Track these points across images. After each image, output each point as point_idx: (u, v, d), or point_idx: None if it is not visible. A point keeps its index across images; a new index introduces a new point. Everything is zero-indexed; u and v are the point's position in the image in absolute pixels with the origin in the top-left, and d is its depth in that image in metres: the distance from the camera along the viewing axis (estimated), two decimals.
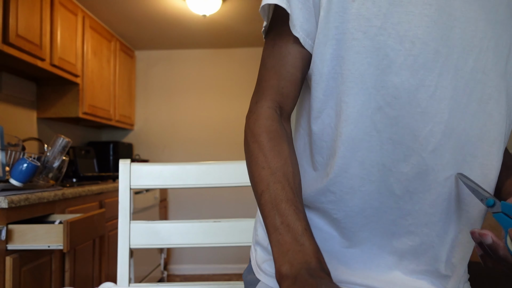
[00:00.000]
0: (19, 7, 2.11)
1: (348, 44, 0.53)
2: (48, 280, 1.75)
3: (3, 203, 1.46)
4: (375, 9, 0.52)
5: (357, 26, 0.52)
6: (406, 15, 0.51)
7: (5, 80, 2.49)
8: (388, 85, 0.53)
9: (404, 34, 0.51)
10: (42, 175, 1.91)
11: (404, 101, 0.52)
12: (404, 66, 0.52)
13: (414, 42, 0.51)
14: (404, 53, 0.52)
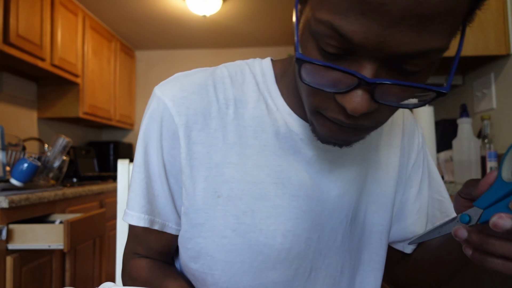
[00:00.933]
0: (19, 7, 2.12)
1: (217, 243, 0.50)
2: (48, 280, 1.75)
3: (4, 203, 1.46)
4: (243, 206, 0.49)
5: (225, 224, 0.49)
6: (275, 209, 0.50)
7: (6, 80, 2.50)
8: (265, 281, 0.51)
9: (275, 228, 0.49)
10: (42, 175, 1.91)
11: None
12: (279, 260, 0.50)
13: (285, 235, 0.50)
14: (277, 247, 0.50)
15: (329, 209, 0.53)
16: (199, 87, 0.52)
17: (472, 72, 1.62)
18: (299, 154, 0.51)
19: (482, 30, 1.35)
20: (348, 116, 0.40)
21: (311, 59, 0.37)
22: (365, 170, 0.55)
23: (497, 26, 1.35)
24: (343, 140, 0.44)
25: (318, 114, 0.43)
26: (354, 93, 0.37)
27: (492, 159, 1.34)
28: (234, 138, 0.50)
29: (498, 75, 1.45)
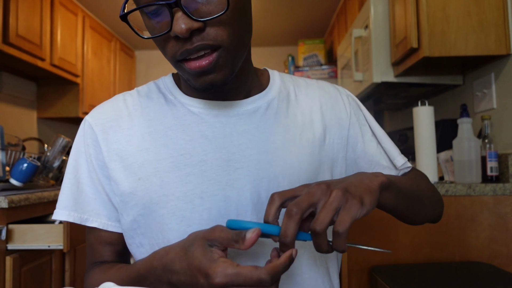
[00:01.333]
0: (19, 7, 2.11)
1: (147, 217, 0.59)
2: (48, 280, 1.75)
3: (3, 203, 1.46)
4: (159, 181, 0.58)
5: (150, 199, 0.58)
6: (187, 176, 0.58)
7: (5, 80, 2.49)
8: None
9: (192, 193, 0.57)
10: (42, 175, 1.91)
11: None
12: (202, 222, 0.57)
13: (202, 197, 0.57)
14: (197, 209, 0.57)
15: (244, 167, 0.59)
16: (111, 103, 0.65)
17: (472, 72, 1.61)
18: (200, 124, 0.60)
19: (483, 30, 1.35)
20: (187, 40, 0.50)
21: (130, 10, 0.50)
22: (276, 133, 0.62)
23: (497, 26, 1.35)
24: (214, 75, 0.53)
25: (178, 64, 0.53)
26: (174, 21, 0.48)
27: (493, 159, 1.34)
28: (143, 129, 0.61)
29: (499, 75, 1.45)
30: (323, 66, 2.91)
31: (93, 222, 0.62)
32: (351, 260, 1.26)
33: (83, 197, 0.62)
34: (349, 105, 0.70)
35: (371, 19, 1.73)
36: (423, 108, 1.40)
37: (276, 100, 0.65)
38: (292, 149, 0.62)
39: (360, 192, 0.46)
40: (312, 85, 0.70)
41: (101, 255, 0.64)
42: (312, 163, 0.63)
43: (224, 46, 0.51)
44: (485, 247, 1.22)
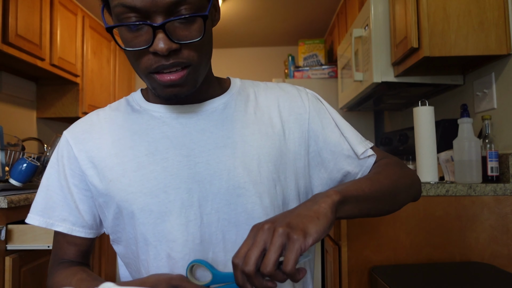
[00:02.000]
0: (18, 6, 2.11)
1: (121, 213, 0.66)
2: None
3: (3, 203, 1.46)
4: (127, 181, 0.65)
5: (121, 199, 0.66)
6: (151, 173, 0.65)
7: (5, 80, 2.49)
8: (164, 232, 0.64)
9: (156, 188, 0.64)
10: (41, 175, 1.91)
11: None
12: (167, 212, 0.64)
13: (166, 191, 0.64)
14: (163, 202, 0.64)
15: (203, 161, 0.64)
16: (86, 118, 0.73)
17: (473, 72, 1.61)
18: (162, 127, 0.67)
19: (483, 30, 1.35)
20: (163, 57, 0.56)
21: (117, 24, 0.56)
22: (234, 129, 0.68)
23: (498, 26, 1.35)
24: (181, 88, 0.60)
25: (150, 75, 0.59)
26: (156, 40, 0.55)
27: (493, 159, 1.34)
28: (112, 137, 0.68)
29: (499, 75, 1.44)
30: (323, 66, 2.91)
31: (59, 227, 0.69)
32: (351, 260, 1.25)
33: (50, 204, 0.69)
34: (308, 101, 0.74)
35: (371, 19, 1.73)
36: (423, 108, 1.39)
37: (233, 101, 0.71)
38: (251, 143, 0.67)
39: (304, 222, 0.49)
40: (273, 87, 0.76)
41: (66, 253, 0.72)
42: (272, 154, 0.67)
43: (194, 65, 0.59)
44: (486, 247, 1.22)
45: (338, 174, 0.73)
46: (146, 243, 0.65)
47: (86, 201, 0.69)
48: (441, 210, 1.24)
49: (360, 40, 1.92)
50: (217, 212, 0.64)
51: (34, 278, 1.64)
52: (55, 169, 0.71)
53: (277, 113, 0.71)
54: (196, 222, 0.63)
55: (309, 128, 0.72)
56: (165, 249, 0.64)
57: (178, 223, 0.63)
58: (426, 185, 1.27)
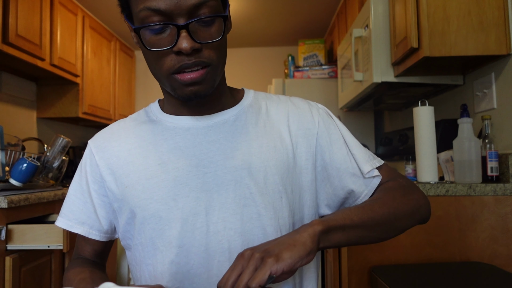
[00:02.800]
0: (18, 6, 2.11)
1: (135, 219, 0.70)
2: (48, 280, 1.75)
3: (3, 203, 1.46)
4: (140, 187, 0.69)
5: (134, 204, 0.69)
6: (162, 182, 0.68)
7: (5, 80, 2.49)
8: (170, 238, 0.67)
9: (166, 196, 0.67)
10: (42, 175, 1.91)
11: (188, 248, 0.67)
12: (174, 219, 0.66)
13: (175, 199, 0.67)
14: (171, 209, 0.67)
15: (212, 171, 0.67)
16: (108, 128, 0.78)
17: (473, 72, 1.61)
18: (175, 137, 0.71)
19: (483, 30, 1.35)
20: (186, 56, 0.59)
21: (147, 24, 0.59)
22: (243, 141, 0.70)
23: (497, 26, 1.35)
24: (200, 87, 0.63)
25: (172, 76, 0.62)
26: (180, 39, 0.58)
27: (493, 159, 1.34)
28: (129, 146, 0.72)
29: (499, 75, 1.44)
30: (323, 66, 2.91)
31: (77, 229, 0.74)
32: (351, 260, 1.25)
33: (72, 207, 0.75)
34: (318, 116, 0.76)
35: (371, 19, 1.73)
36: (423, 108, 1.39)
37: (244, 113, 0.73)
38: (258, 155, 0.69)
39: (280, 249, 0.55)
40: (285, 101, 0.78)
41: (83, 250, 0.78)
42: (279, 167, 0.69)
43: (213, 65, 0.63)
44: (486, 247, 1.22)
45: (342, 191, 0.74)
46: (154, 248, 0.68)
47: (104, 207, 0.74)
48: (441, 210, 1.25)
49: (360, 40, 1.92)
50: (224, 222, 0.66)
51: (34, 278, 1.64)
52: (78, 175, 0.76)
53: (286, 127, 0.73)
54: (202, 230, 0.66)
55: (317, 143, 0.74)
56: (169, 255, 0.66)
57: (185, 229, 0.66)
58: (426, 185, 1.27)
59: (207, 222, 0.66)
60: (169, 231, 0.66)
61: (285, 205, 0.69)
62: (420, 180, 1.39)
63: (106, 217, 0.74)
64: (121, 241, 0.76)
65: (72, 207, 0.75)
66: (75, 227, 0.74)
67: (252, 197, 0.67)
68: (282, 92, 2.86)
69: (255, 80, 3.92)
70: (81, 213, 0.74)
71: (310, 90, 2.84)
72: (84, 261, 0.76)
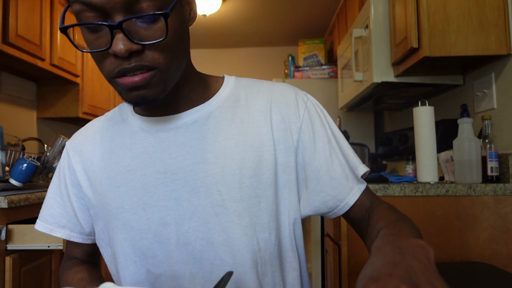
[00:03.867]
0: (19, 6, 2.11)
1: (107, 227, 0.67)
2: (48, 280, 1.75)
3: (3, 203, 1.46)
4: (111, 195, 0.66)
5: (107, 212, 0.67)
6: (132, 189, 0.64)
7: (5, 80, 2.49)
8: (144, 249, 0.64)
9: (136, 205, 0.63)
10: (42, 175, 1.91)
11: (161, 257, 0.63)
12: (145, 230, 0.63)
13: (145, 208, 0.63)
14: (141, 219, 0.63)
15: (181, 178, 0.62)
16: (84, 129, 0.74)
17: (473, 72, 1.61)
18: (144, 141, 0.65)
19: (483, 30, 1.35)
20: (126, 60, 0.52)
21: (71, 24, 0.53)
22: (215, 142, 0.63)
23: (498, 26, 1.35)
24: (146, 91, 0.55)
25: (113, 80, 0.56)
26: (114, 40, 0.50)
27: (493, 159, 1.34)
28: (102, 150, 0.68)
29: (499, 75, 1.45)
30: (323, 66, 2.91)
31: (58, 233, 0.71)
32: (351, 260, 1.25)
33: (51, 211, 0.72)
34: (305, 108, 0.67)
35: (371, 19, 1.73)
36: (423, 108, 1.39)
37: (218, 109, 0.65)
38: (232, 156, 0.62)
39: (427, 276, 0.37)
40: (269, 89, 0.69)
41: (73, 252, 0.76)
42: (257, 168, 0.62)
43: (160, 68, 0.54)
44: (486, 247, 1.22)
45: (317, 197, 0.66)
46: (125, 258, 0.65)
47: (84, 210, 0.71)
48: (441, 210, 1.24)
49: (360, 40, 1.92)
50: (194, 231, 0.61)
51: (34, 278, 1.64)
52: (57, 178, 0.73)
53: (268, 120, 0.65)
54: (172, 241, 0.62)
55: (299, 139, 0.66)
56: (144, 265, 0.64)
57: (157, 240, 0.63)
58: (426, 185, 1.27)
59: (177, 232, 0.62)
60: (140, 241, 0.63)
61: (264, 210, 0.63)
62: (420, 180, 1.39)
63: (87, 220, 0.71)
64: (99, 247, 0.73)
65: (51, 210, 0.72)
66: (55, 231, 0.71)
67: (225, 205, 0.61)
68: None
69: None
70: (61, 217, 0.71)
71: (310, 90, 2.83)
72: (78, 261, 0.75)
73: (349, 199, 0.66)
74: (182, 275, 0.62)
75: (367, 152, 2.02)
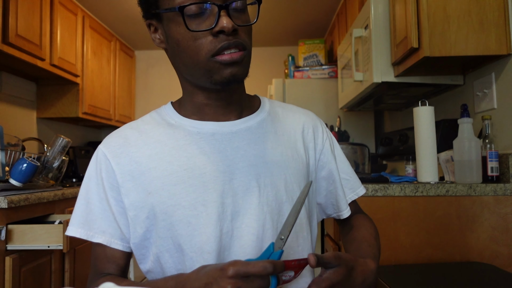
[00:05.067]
0: (18, 7, 2.11)
1: (158, 225, 0.69)
2: (48, 280, 1.75)
3: (3, 203, 1.46)
4: (166, 193, 0.68)
5: (160, 210, 0.68)
6: (190, 187, 0.68)
7: (5, 80, 2.49)
8: (200, 243, 0.67)
9: (195, 202, 0.67)
10: (42, 175, 1.91)
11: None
12: (203, 224, 0.67)
13: (204, 204, 0.67)
14: (200, 214, 0.67)
15: (238, 178, 0.69)
16: (119, 132, 0.76)
17: (473, 72, 1.61)
18: (199, 142, 0.70)
19: (483, 30, 1.35)
20: (229, 36, 0.62)
21: (190, 3, 0.62)
22: (264, 149, 0.73)
23: (498, 26, 1.34)
24: (239, 69, 0.65)
25: (211, 59, 0.64)
26: (221, 19, 0.61)
27: (493, 159, 1.34)
28: (149, 151, 0.71)
29: (499, 75, 1.44)
30: (323, 66, 2.91)
31: (98, 239, 0.70)
32: None
33: (91, 216, 0.71)
34: (327, 133, 0.83)
35: (371, 19, 1.73)
36: (423, 108, 1.39)
37: (265, 121, 0.76)
38: (279, 163, 0.72)
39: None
40: (299, 112, 0.83)
41: (105, 268, 0.72)
42: (297, 176, 0.73)
43: (248, 49, 0.66)
44: (486, 248, 1.22)
45: (331, 206, 0.83)
46: (182, 254, 0.67)
47: (123, 214, 0.71)
48: (441, 210, 1.24)
49: (360, 40, 1.92)
50: (247, 227, 0.68)
51: (34, 278, 1.64)
52: (94, 182, 0.72)
53: (300, 137, 0.77)
54: (228, 234, 0.67)
55: (321, 158, 0.80)
56: (200, 260, 0.66)
57: (214, 235, 0.66)
58: (426, 185, 1.27)
59: (232, 227, 0.67)
60: (198, 236, 0.66)
61: (303, 214, 0.74)
62: (420, 180, 1.39)
63: (126, 225, 0.71)
64: (135, 251, 0.72)
65: (90, 215, 0.71)
66: (96, 237, 0.70)
67: (273, 205, 0.69)
68: (282, 92, 2.86)
69: (255, 80, 3.92)
70: (101, 222, 0.70)
71: (310, 90, 2.84)
72: (114, 277, 0.71)
73: (347, 210, 0.83)
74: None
75: (367, 152, 2.02)
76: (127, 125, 0.77)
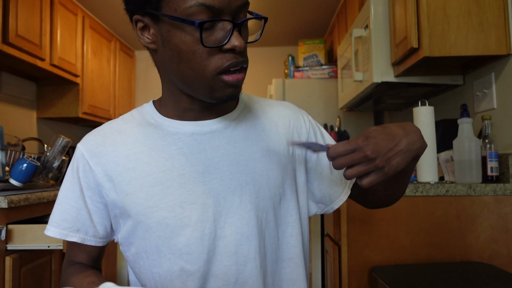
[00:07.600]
0: (19, 7, 2.11)
1: (135, 226, 0.69)
2: (48, 280, 1.75)
3: (3, 203, 1.46)
4: (144, 195, 0.67)
5: (137, 212, 0.68)
6: (168, 189, 0.67)
7: (5, 80, 2.49)
8: (179, 245, 0.66)
9: (172, 203, 0.66)
10: (42, 175, 1.91)
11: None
12: (183, 226, 0.66)
13: (182, 206, 0.66)
14: (179, 216, 0.66)
15: (218, 177, 0.68)
16: (98, 130, 0.74)
17: (473, 72, 1.61)
18: (178, 143, 0.69)
19: (483, 30, 1.35)
20: (237, 54, 0.61)
21: (209, 19, 0.58)
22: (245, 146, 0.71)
23: (497, 26, 1.35)
24: (238, 89, 0.65)
25: (217, 76, 0.61)
26: (233, 36, 0.59)
27: (493, 159, 1.34)
28: (127, 151, 0.70)
29: (499, 75, 1.45)
30: (323, 66, 2.91)
31: (73, 237, 0.71)
32: (351, 260, 1.25)
33: (65, 216, 0.72)
34: (309, 122, 0.80)
35: (371, 19, 1.73)
36: (423, 108, 1.39)
37: (244, 118, 0.74)
38: (260, 160, 0.71)
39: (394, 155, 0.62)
40: (278, 105, 0.81)
41: (77, 257, 0.75)
42: (278, 171, 0.72)
43: (247, 66, 0.65)
44: (486, 248, 1.22)
45: (319, 193, 0.79)
46: (160, 256, 0.67)
47: (98, 213, 0.72)
48: (441, 210, 1.25)
49: (360, 40, 1.92)
50: (230, 226, 0.67)
51: (34, 278, 1.64)
52: (69, 182, 0.73)
53: (282, 131, 0.76)
54: (211, 235, 0.66)
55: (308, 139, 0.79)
56: (179, 262, 0.66)
57: (194, 236, 0.66)
58: (426, 185, 1.27)
59: (215, 227, 0.67)
60: (176, 238, 0.66)
61: (284, 208, 0.73)
62: (420, 180, 1.39)
63: (101, 223, 0.72)
64: (120, 247, 0.74)
65: (64, 215, 0.72)
66: (70, 236, 0.71)
67: (256, 202, 0.69)
68: (282, 92, 2.86)
69: (255, 80, 3.92)
70: (76, 221, 0.71)
71: (310, 90, 2.84)
72: (84, 266, 0.75)
73: (344, 194, 0.80)
74: (216, 269, 0.67)
75: None
76: (108, 124, 0.76)
